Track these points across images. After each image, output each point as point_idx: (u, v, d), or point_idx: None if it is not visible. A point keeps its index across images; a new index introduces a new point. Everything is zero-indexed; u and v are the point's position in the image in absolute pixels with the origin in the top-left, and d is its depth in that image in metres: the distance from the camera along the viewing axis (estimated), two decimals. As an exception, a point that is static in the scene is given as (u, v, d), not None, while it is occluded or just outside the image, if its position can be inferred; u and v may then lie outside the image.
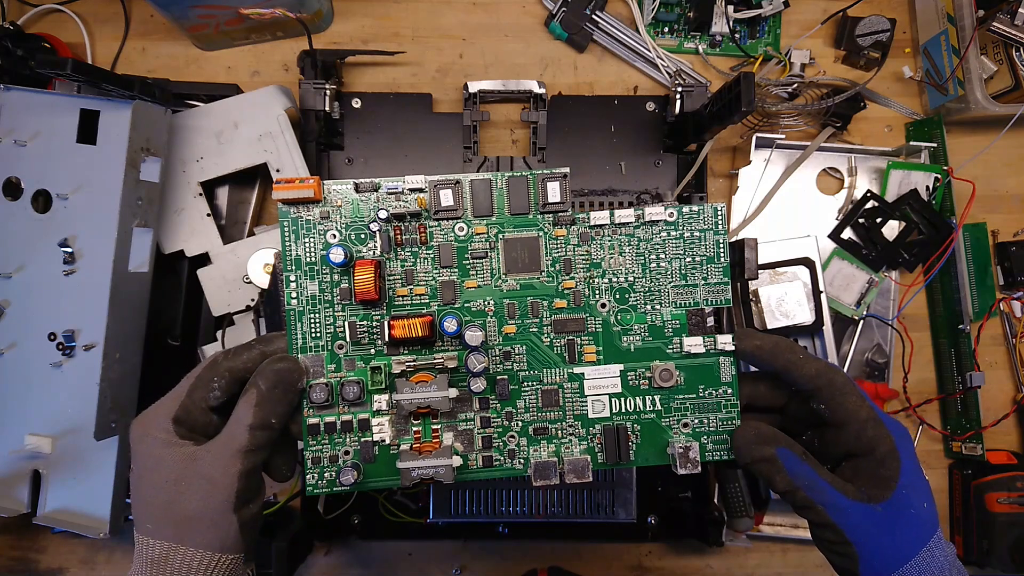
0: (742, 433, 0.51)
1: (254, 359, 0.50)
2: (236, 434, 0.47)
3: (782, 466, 0.48)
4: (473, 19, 0.89)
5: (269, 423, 0.47)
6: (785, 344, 0.51)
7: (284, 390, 0.48)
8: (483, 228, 0.53)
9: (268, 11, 0.79)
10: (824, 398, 0.50)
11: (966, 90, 0.82)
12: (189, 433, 0.48)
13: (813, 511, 0.48)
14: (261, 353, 0.50)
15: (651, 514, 0.82)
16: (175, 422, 0.48)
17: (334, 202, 0.52)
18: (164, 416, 0.48)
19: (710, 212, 0.54)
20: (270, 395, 0.48)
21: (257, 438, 0.47)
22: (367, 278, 0.50)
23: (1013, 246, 0.87)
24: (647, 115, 0.86)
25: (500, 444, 0.54)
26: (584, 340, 0.54)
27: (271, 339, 0.52)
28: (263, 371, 0.49)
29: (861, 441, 0.49)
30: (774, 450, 0.49)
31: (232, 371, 0.49)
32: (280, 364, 0.49)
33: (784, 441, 0.50)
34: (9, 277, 0.71)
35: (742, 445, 0.51)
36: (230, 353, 0.50)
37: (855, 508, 0.47)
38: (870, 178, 0.87)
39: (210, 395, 0.49)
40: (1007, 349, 0.89)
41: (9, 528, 0.84)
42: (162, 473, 0.47)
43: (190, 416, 0.49)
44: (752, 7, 0.87)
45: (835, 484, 0.48)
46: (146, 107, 0.70)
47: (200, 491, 0.46)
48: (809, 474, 0.48)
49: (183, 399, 0.49)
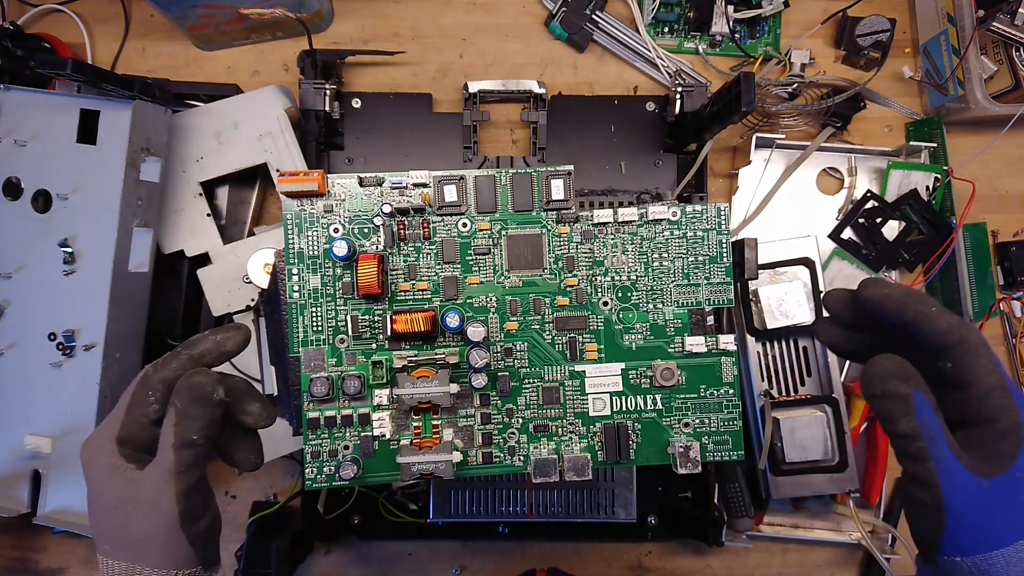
0: (882, 363, 0.46)
1: (184, 366, 0.49)
2: (165, 457, 0.46)
3: (912, 408, 0.44)
4: (473, 19, 0.90)
5: (191, 440, 0.46)
6: (916, 295, 0.47)
7: (202, 404, 0.47)
8: (486, 224, 0.53)
9: (268, 11, 0.79)
10: (954, 356, 0.45)
11: (966, 90, 0.82)
12: (134, 453, 0.48)
13: (923, 465, 0.43)
14: (189, 358, 0.49)
15: (651, 514, 0.81)
16: (119, 443, 0.47)
17: (338, 196, 0.52)
18: (108, 438, 0.48)
19: (713, 212, 0.55)
20: (187, 412, 0.46)
21: (183, 458, 0.46)
22: (370, 272, 0.50)
23: (1013, 246, 0.87)
24: (647, 115, 0.86)
25: (500, 441, 0.54)
26: (586, 338, 0.54)
27: (196, 342, 0.50)
28: (178, 389, 0.47)
29: (984, 409, 0.44)
30: (910, 390, 0.44)
31: (165, 382, 0.48)
32: (194, 379, 0.47)
33: (923, 385, 0.45)
34: (9, 277, 0.71)
35: (877, 374, 0.45)
36: (159, 364, 0.49)
37: (964, 476, 0.43)
38: (870, 178, 0.87)
39: (149, 410, 0.48)
40: (1007, 349, 0.89)
41: (9, 528, 0.83)
42: (109, 499, 0.47)
43: (132, 435, 0.48)
44: (752, 7, 0.87)
45: (953, 446, 0.44)
46: (146, 107, 0.70)
47: (145, 516, 0.46)
48: (935, 426, 0.43)
49: (123, 418, 0.48)
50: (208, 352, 0.50)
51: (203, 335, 0.50)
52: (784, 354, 0.83)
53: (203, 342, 0.50)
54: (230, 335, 0.50)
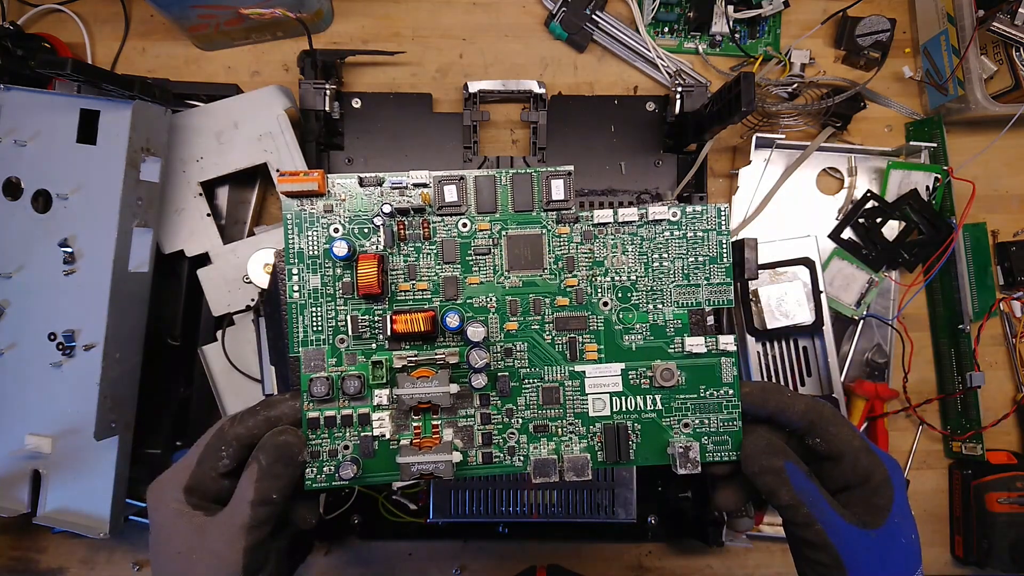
0: (753, 441, 0.51)
1: (259, 425, 0.50)
2: (239, 510, 0.47)
3: (788, 479, 0.48)
4: (473, 19, 0.90)
5: (270, 498, 0.48)
6: (772, 386, 0.53)
7: (285, 463, 0.48)
8: (486, 224, 0.53)
9: (268, 11, 0.79)
10: (818, 432, 0.50)
11: (966, 90, 0.82)
12: (201, 502, 0.49)
13: (812, 530, 0.48)
14: (266, 419, 0.50)
15: (651, 514, 0.81)
16: (187, 491, 0.49)
17: (338, 196, 0.52)
18: (176, 486, 0.49)
19: (713, 212, 0.54)
20: (271, 470, 0.48)
21: (259, 514, 0.47)
22: (370, 272, 0.50)
23: (1013, 246, 0.87)
24: (647, 115, 0.86)
25: (500, 441, 0.54)
26: (586, 338, 0.54)
27: (274, 403, 0.52)
28: (264, 445, 0.49)
29: (857, 470, 0.49)
30: (783, 462, 0.49)
31: (239, 439, 0.50)
32: (281, 438, 0.49)
33: (793, 456, 0.50)
34: (9, 277, 0.71)
35: (752, 453, 0.51)
36: (236, 420, 0.50)
37: (852, 532, 0.48)
38: (870, 178, 0.87)
39: (219, 463, 0.49)
40: (1007, 349, 0.89)
41: (9, 528, 0.83)
42: (174, 544, 0.48)
43: (201, 485, 0.49)
44: (752, 7, 0.87)
45: (835, 507, 0.49)
46: (146, 107, 0.70)
47: (208, 565, 0.47)
48: (813, 492, 0.48)
49: (193, 468, 0.49)
50: (285, 417, 0.51)
51: (282, 397, 0.52)
52: (784, 354, 0.83)
53: (281, 405, 0.52)
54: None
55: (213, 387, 0.79)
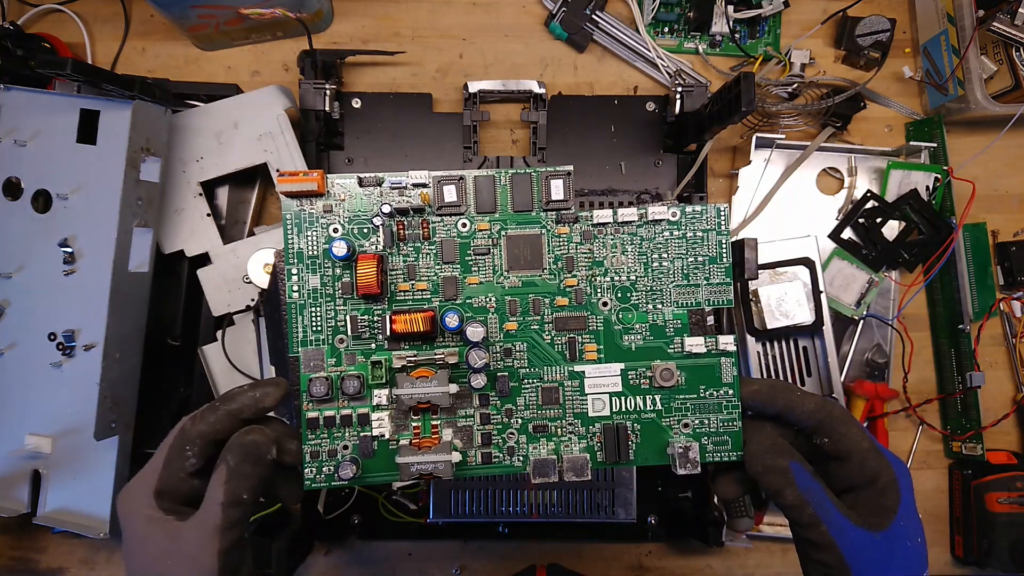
0: (757, 440, 0.51)
1: (222, 420, 0.49)
2: (211, 513, 0.46)
3: (793, 479, 0.48)
4: (473, 19, 0.90)
5: (241, 499, 0.47)
6: (781, 384, 0.52)
7: (253, 463, 0.47)
8: (486, 224, 0.53)
9: (268, 11, 0.79)
10: (826, 431, 0.50)
11: (966, 90, 0.82)
12: (172, 506, 0.48)
13: (817, 530, 0.48)
14: (227, 413, 0.49)
15: (651, 514, 0.81)
16: (157, 496, 0.48)
17: (337, 196, 0.52)
18: (146, 491, 0.48)
19: (713, 212, 0.54)
20: (239, 470, 0.47)
21: (231, 515, 0.46)
22: (369, 272, 0.50)
23: (1013, 246, 0.87)
24: (647, 115, 0.86)
25: (499, 441, 0.53)
26: (585, 338, 0.54)
27: (233, 396, 0.50)
28: (231, 446, 0.48)
29: (864, 471, 0.49)
30: (788, 462, 0.49)
31: (203, 436, 0.48)
32: (248, 437, 0.48)
33: (798, 456, 0.49)
34: (9, 277, 0.71)
35: (756, 453, 0.51)
36: (197, 417, 0.49)
37: (857, 533, 0.47)
38: (870, 178, 0.87)
39: (186, 463, 0.48)
40: (1007, 349, 0.89)
41: (9, 528, 0.83)
42: (148, 551, 0.47)
43: (171, 487, 0.48)
44: (752, 7, 0.87)
45: (840, 507, 0.48)
46: (146, 107, 0.70)
47: (184, 568, 0.46)
48: (819, 492, 0.48)
49: (160, 471, 0.48)
50: (246, 408, 0.50)
51: (241, 389, 0.50)
52: (784, 354, 0.83)
53: (241, 397, 0.50)
54: (268, 391, 0.50)
55: (213, 387, 0.79)
